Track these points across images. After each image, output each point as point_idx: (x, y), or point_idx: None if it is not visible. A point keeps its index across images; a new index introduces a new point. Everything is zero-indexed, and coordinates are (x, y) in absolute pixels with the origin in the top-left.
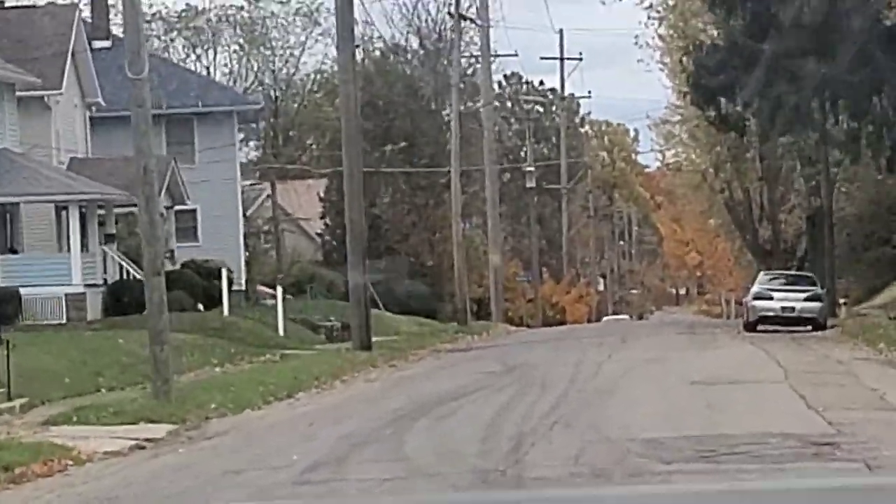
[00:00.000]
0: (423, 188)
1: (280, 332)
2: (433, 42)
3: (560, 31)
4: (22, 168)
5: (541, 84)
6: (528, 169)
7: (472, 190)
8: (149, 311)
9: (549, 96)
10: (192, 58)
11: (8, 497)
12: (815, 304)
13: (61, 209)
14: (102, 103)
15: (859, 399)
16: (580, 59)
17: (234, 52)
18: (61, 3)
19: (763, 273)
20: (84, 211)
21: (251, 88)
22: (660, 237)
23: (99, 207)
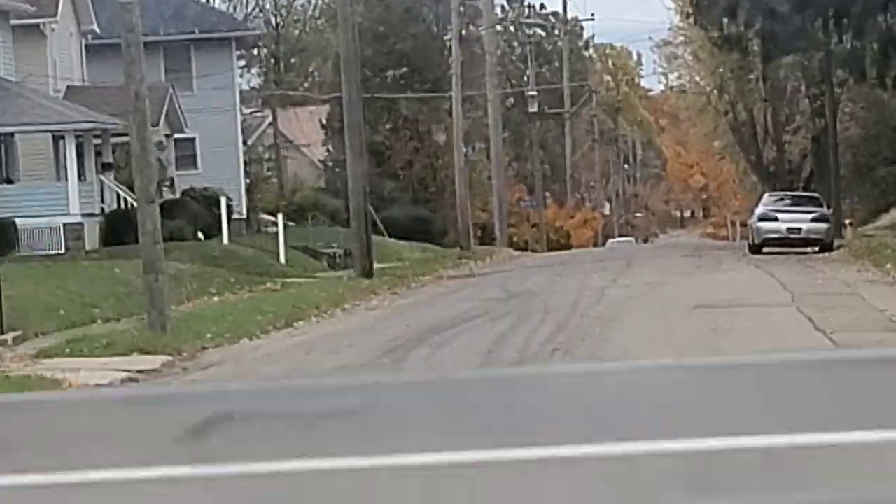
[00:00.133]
0: (425, 114)
1: (281, 259)
2: None
3: None
4: (17, 97)
5: (542, 8)
6: (531, 93)
7: (475, 115)
8: (142, 241)
9: (552, 20)
10: None
11: None
12: (822, 225)
13: (58, 138)
14: (98, 31)
15: (867, 321)
16: None
17: None
18: None
19: (768, 194)
20: (81, 140)
21: (251, 14)
22: (664, 160)
23: (96, 136)
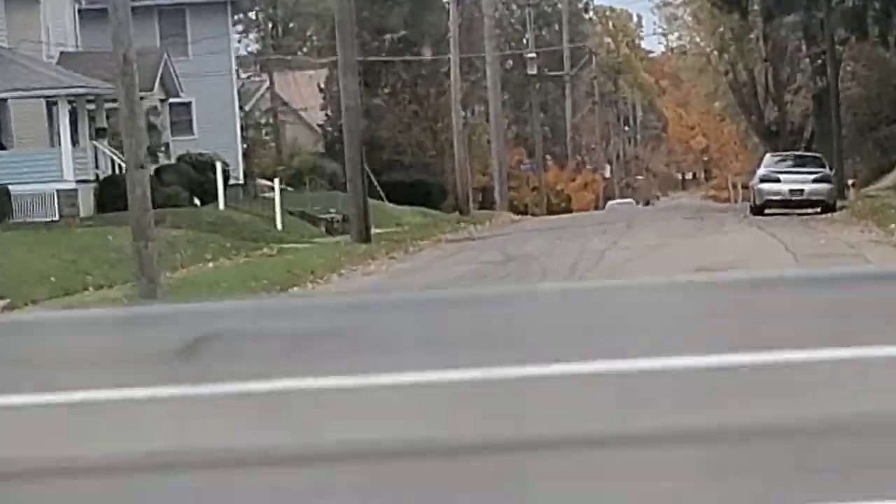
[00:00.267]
0: (423, 77)
1: (278, 225)
2: None
3: None
4: (9, 63)
5: None
6: (531, 55)
7: (474, 78)
8: (131, 207)
9: None
10: None
11: None
12: (824, 186)
13: (51, 104)
14: None
15: None
16: None
17: None
18: None
19: (769, 155)
20: (74, 105)
21: None
22: (665, 122)
23: (89, 102)
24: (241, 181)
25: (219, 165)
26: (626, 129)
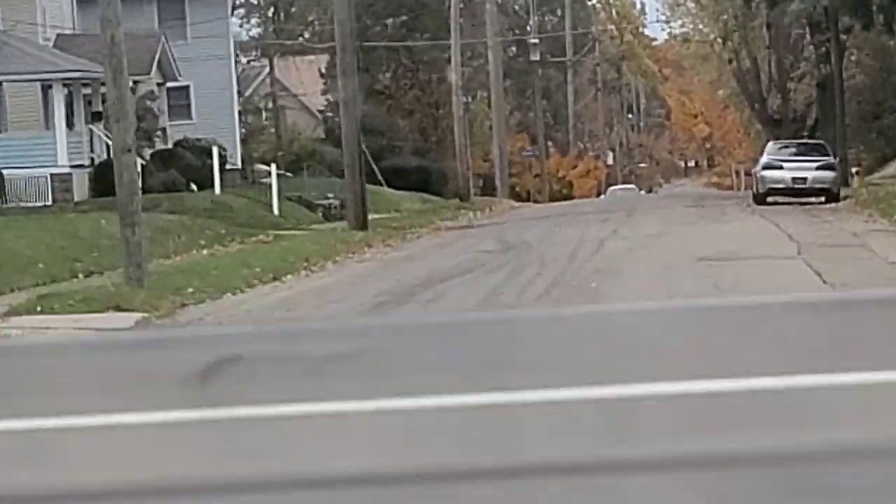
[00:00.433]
0: (425, 62)
1: (275, 211)
2: None
3: None
4: (4, 45)
5: None
6: (533, 41)
7: (477, 64)
8: (118, 192)
9: None
10: None
11: None
12: (828, 174)
13: (46, 87)
14: None
15: (878, 273)
16: None
17: None
18: None
19: (773, 143)
20: (69, 89)
21: None
22: (668, 110)
23: (85, 85)
24: (239, 166)
25: (215, 150)
26: (630, 116)
